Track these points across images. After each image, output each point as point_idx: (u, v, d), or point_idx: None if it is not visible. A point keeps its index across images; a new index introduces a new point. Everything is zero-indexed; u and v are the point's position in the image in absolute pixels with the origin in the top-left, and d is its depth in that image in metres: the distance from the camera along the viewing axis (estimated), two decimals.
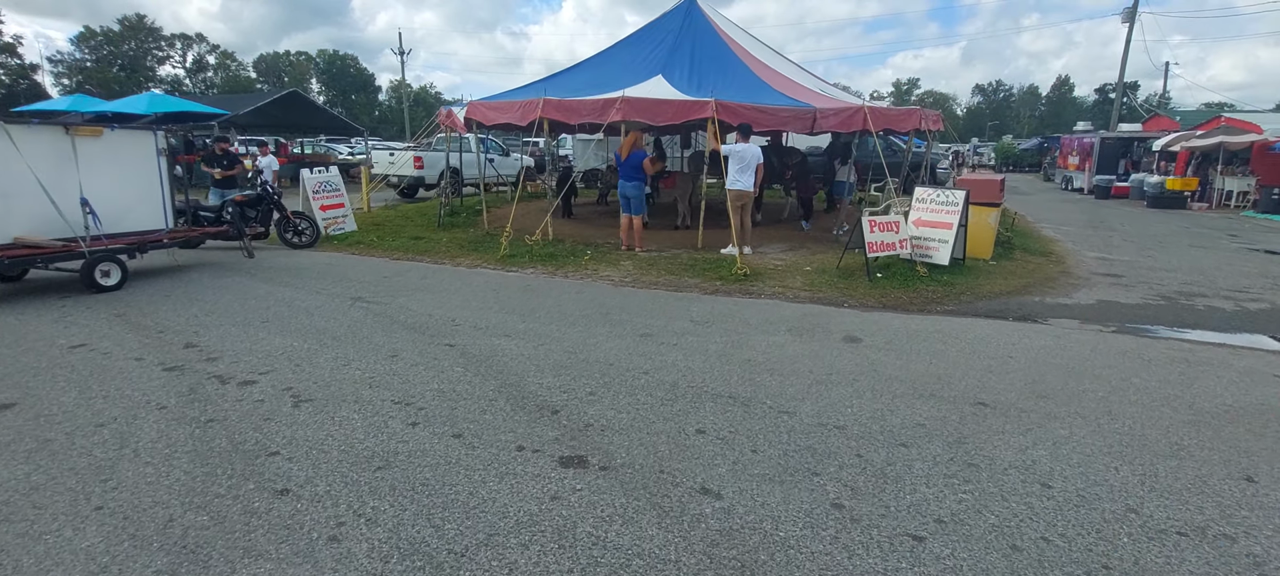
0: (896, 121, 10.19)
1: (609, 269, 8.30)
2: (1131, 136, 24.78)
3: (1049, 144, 37.62)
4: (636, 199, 9.23)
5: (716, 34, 12.15)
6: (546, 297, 6.86)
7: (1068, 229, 13.09)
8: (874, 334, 5.67)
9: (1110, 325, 6.22)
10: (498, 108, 10.38)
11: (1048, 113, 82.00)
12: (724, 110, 8.93)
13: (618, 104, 9.05)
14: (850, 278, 7.68)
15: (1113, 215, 16.27)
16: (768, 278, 7.80)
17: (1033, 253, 9.72)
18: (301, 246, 10.06)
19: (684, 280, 7.74)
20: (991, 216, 8.71)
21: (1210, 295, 7.50)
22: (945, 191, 7.96)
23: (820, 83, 12.72)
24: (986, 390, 4.38)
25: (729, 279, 7.64)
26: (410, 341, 5.20)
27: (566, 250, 9.27)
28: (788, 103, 9.85)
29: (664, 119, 9.16)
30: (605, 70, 11.56)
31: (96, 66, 63.83)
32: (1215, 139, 18.74)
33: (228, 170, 10.80)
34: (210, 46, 73.82)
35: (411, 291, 7.09)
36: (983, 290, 7.31)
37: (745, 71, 11.17)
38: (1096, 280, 8.11)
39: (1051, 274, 8.31)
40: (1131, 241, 11.57)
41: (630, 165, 9.11)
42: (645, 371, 4.58)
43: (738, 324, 5.92)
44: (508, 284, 7.55)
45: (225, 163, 10.87)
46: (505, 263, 8.69)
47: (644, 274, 8.03)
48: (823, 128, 9.49)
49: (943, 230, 7.87)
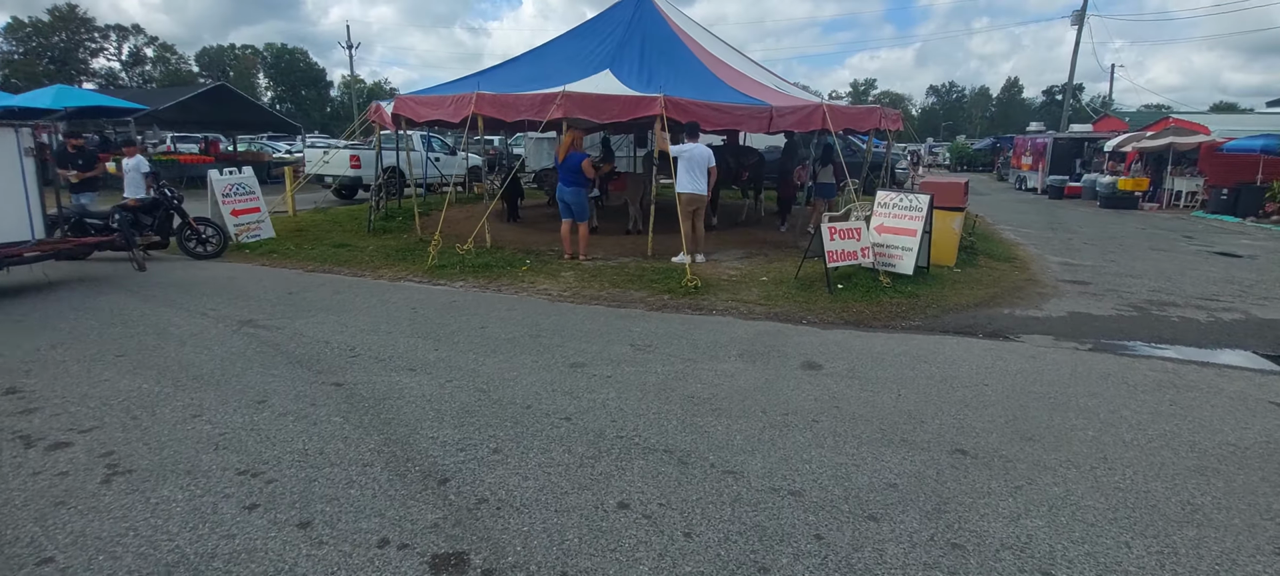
0: (856, 121, 9.67)
1: (548, 281, 7.52)
2: (1083, 137, 25.11)
3: (1002, 144, 38.21)
4: (577, 204, 8.46)
5: (669, 28, 11.47)
6: (471, 316, 6.05)
7: (1028, 231, 12.85)
8: (835, 358, 5.04)
9: (1086, 342, 5.74)
10: (428, 103, 9.48)
11: (998, 113, 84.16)
12: (674, 107, 8.25)
13: (558, 100, 8.28)
14: (809, 289, 7.08)
15: (1069, 216, 16.20)
16: (721, 290, 7.14)
17: (997, 258, 9.31)
18: (206, 256, 8.99)
19: (629, 293, 7.02)
20: (955, 221, 8.24)
21: (1181, 304, 7.14)
22: (909, 196, 7.43)
23: (778, 80, 12.17)
24: (964, 430, 3.77)
25: (678, 292, 6.95)
26: (290, 380, 4.34)
27: (504, 259, 8.45)
28: (743, 100, 9.23)
29: (608, 116, 8.42)
30: (549, 64, 10.76)
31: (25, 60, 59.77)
32: (1165, 140, 18.96)
33: (85, 171, 9.51)
34: (148, 38, 69.94)
35: (315, 311, 6.19)
36: (950, 302, 6.79)
37: (699, 67, 10.52)
38: (1064, 288, 7.70)
39: (1018, 282, 7.87)
40: (1092, 244, 11.33)
41: (569, 167, 8.33)
42: (568, 416, 3.83)
43: (684, 347, 5.23)
44: (430, 300, 6.70)
45: (80, 162, 9.57)
46: (433, 274, 7.83)
47: (586, 286, 7.28)
48: (780, 127, 8.90)
49: (906, 237, 7.33)
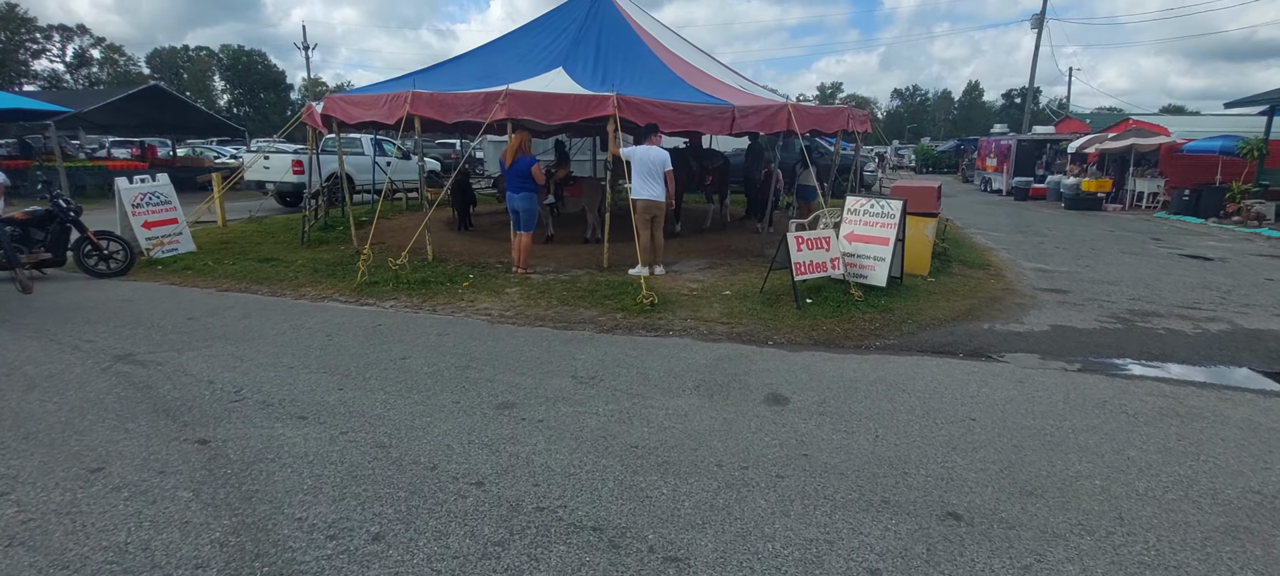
0: (823, 122, 9.16)
1: (490, 298, 6.80)
2: (1046, 138, 25.25)
3: (965, 146, 38.56)
4: (526, 212, 7.75)
5: (627, 24, 10.84)
6: (394, 344, 5.30)
7: (998, 235, 12.53)
8: (804, 389, 4.44)
9: (1074, 360, 5.25)
10: (361, 103, 8.67)
11: (960, 116, 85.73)
12: (628, 107, 7.61)
13: (501, 99, 7.57)
14: (775, 304, 6.49)
15: (1036, 218, 16.03)
16: (679, 306, 6.50)
17: (971, 265, 8.88)
18: (109, 275, 8.03)
19: (578, 311, 6.34)
20: (929, 228, 7.75)
21: (1164, 314, 6.74)
22: (880, 202, 6.91)
23: (743, 81, 11.63)
24: (955, 484, 3.19)
25: (633, 310, 6.30)
26: (145, 437, 3.55)
27: (444, 274, 7.69)
28: (704, 100, 8.63)
29: (557, 117, 7.74)
30: (497, 61, 10.03)
31: None
32: (1127, 141, 19.03)
33: None
34: (93, 39, 66.83)
35: (212, 341, 5.36)
36: (926, 316, 6.26)
37: (658, 66, 9.90)
38: (1043, 298, 7.26)
39: (995, 292, 7.41)
40: (1064, 248, 11.03)
41: (517, 172, 7.63)
42: (481, 480, 3.14)
43: (633, 379, 4.57)
44: (352, 324, 5.93)
45: None
46: (362, 293, 7.04)
47: (532, 304, 6.58)
48: (743, 128, 8.33)
49: (879, 246, 6.81)
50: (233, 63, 71.20)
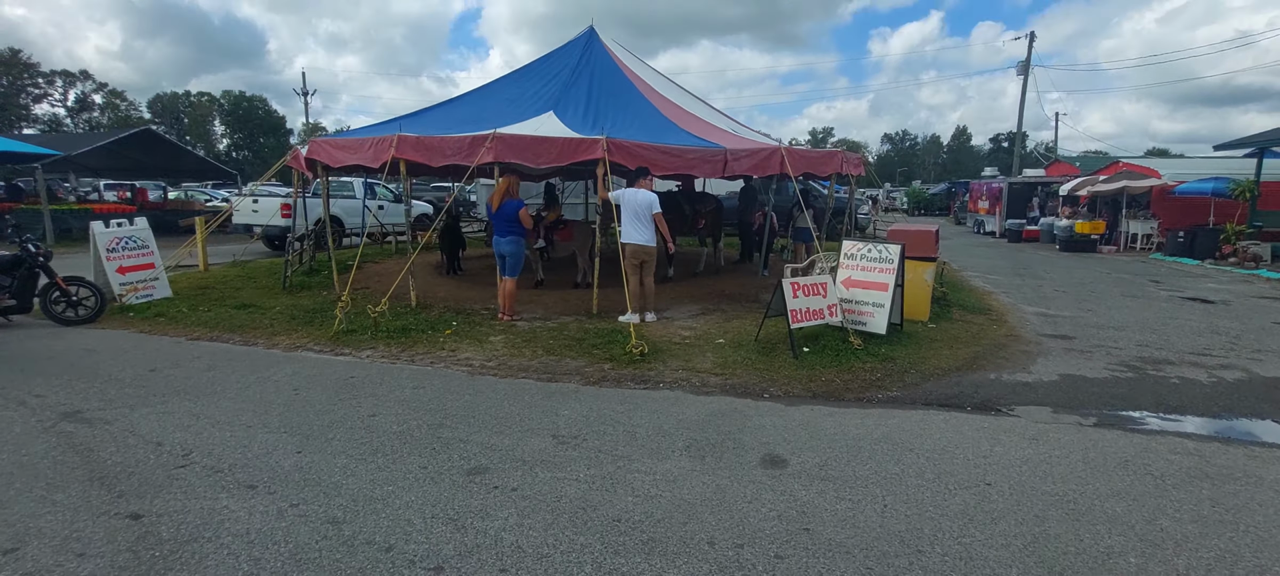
0: (816, 165, 9.02)
1: (472, 348, 6.48)
2: (1037, 181, 25.39)
3: (957, 188, 38.89)
4: (513, 257, 7.50)
5: (618, 69, 10.81)
6: (364, 400, 4.96)
7: (997, 278, 12.34)
8: (803, 449, 4.11)
9: (1088, 414, 4.94)
10: (346, 147, 8.49)
11: (950, 160, 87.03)
12: (618, 150, 7.44)
13: (488, 142, 7.39)
14: (771, 353, 6.19)
15: (1032, 260, 15.89)
16: (671, 355, 6.20)
17: (971, 309, 8.63)
18: (78, 322, 7.68)
19: (565, 361, 6.03)
20: (928, 272, 7.52)
21: (1175, 361, 6.47)
22: (878, 246, 6.68)
23: (735, 124, 11.57)
24: (975, 565, 2.85)
25: (621, 360, 5.99)
26: (73, 509, 3.19)
27: (426, 322, 7.38)
28: (695, 143, 8.50)
29: (545, 160, 7.55)
30: (488, 105, 9.92)
31: None
32: (1118, 184, 19.06)
33: None
34: (96, 85, 67.63)
35: (170, 396, 5.01)
36: (929, 366, 5.97)
37: (649, 109, 9.82)
38: (1049, 345, 6.99)
39: (999, 338, 7.14)
40: (1064, 292, 10.82)
41: (504, 216, 7.39)
42: (439, 565, 2.78)
43: (619, 438, 4.24)
44: (323, 377, 5.59)
45: None
46: (339, 342, 6.71)
47: (515, 354, 6.26)
48: (736, 171, 8.17)
49: (877, 292, 6.55)
50: (233, 108, 71.97)
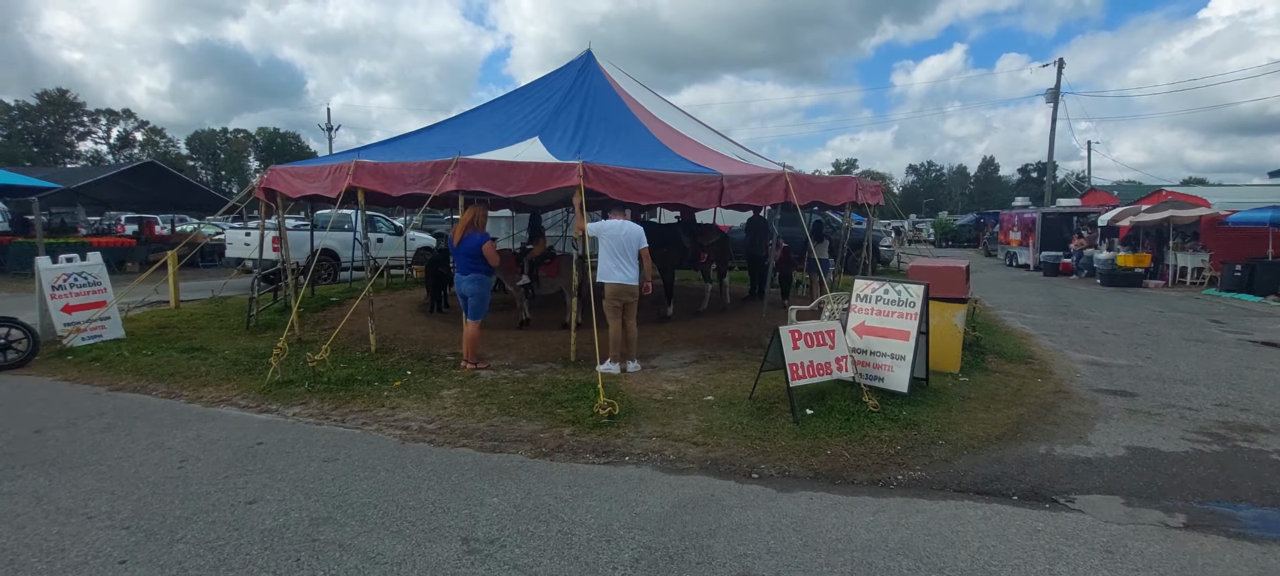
0: (827, 193, 8.03)
1: (417, 405, 5.54)
2: (1072, 211, 24.03)
3: (986, 219, 37.44)
4: (475, 298, 6.59)
5: (613, 92, 10.05)
6: (254, 478, 4.03)
7: (1035, 317, 11.11)
8: (794, 566, 3.06)
9: (1173, 507, 3.81)
10: (304, 175, 7.75)
11: (977, 190, 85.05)
12: (596, 177, 6.56)
13: (451, 168, 6.58)
14: (768, 416, 5.14)
15: (1072, 296, 14.57)
16: (646, 417, 5.19)
17: (1009, 357, 7.48)
18: (6, 367, 6.95)
19: (518, 425, 5.05)
20: (958, 316, 6.43)
21: (1269, 428, 5.26)
22: (897, 286, 5.64)
23: (741, 150, 10.67)
24: None
25: (586, 423, 5.00)
26: None
27: (376, 371, 6.49)
28: (689, 168, 7.59)
29: (515, 188, 6.70)
30: (470, 131, 9.16)
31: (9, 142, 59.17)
32: (1163, 213, 17.67)
33: None
34: (138, 122, 70.07)
35: (31, 468, 4.14)
36: (962, 434, 4.87)
37: (644, 134, 8.99)
38: (1107, 405, 5.82)
39: (1045, 396, 5.99)
40: (1114, 334, 9.56)
41: (466, 253, 6.52)
42: None
43: (550, 544, 3.23)
44: (223, 444, 4.68)
45: None
46: (268, 396, 5.83)
47: (464, 414, 5.31)
48: (734, 199, 7.22)
49: (897, 341, 5.48)
50: (268, 144, 73.96)
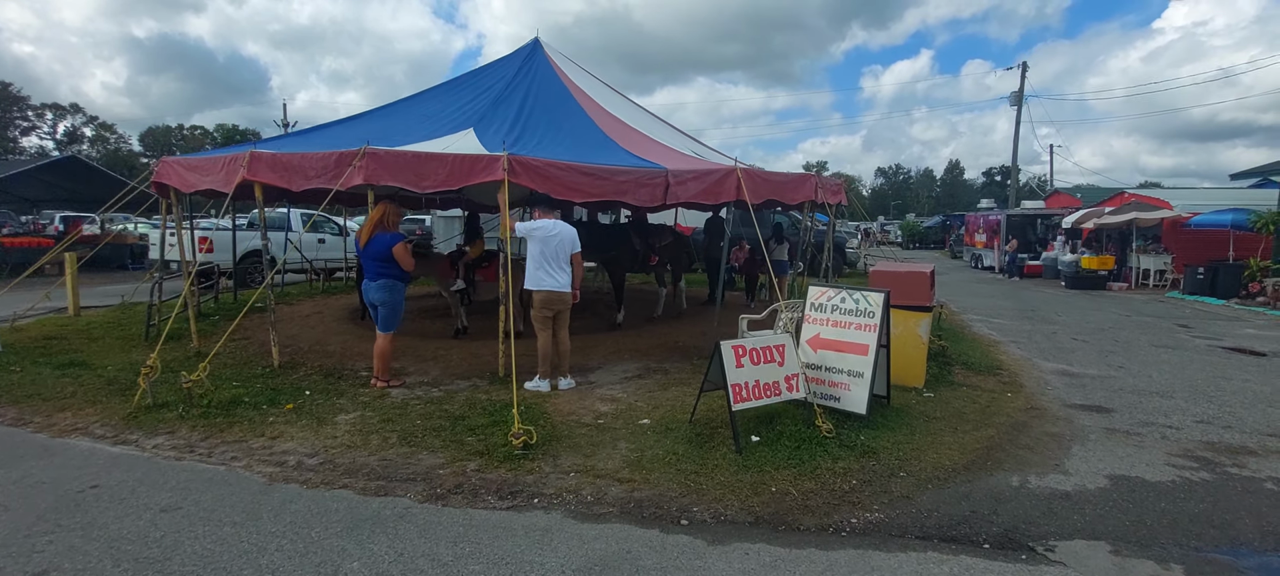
0: (783, 190, 7.42)
1: (304, 434, 4.75)
2: (1036, 214, 24.01)
3: (952, 222, 37.58)
4: (386, 308, 5.79)
5: (559, 82, 9.33)
6: (61, 538, 3.23)
7: (1002, 322, 10.70)
8: None
9: (1167, 556, 3.25)
10: (197, 167, 6.88)
11: (943, 193, 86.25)
12: (524, 171, 5.85)
13: (358, 159, 5.80)
14: (708, 443, 4.49)
15: (1039, 300, 14.29)
16: (569, 446, 4.49)
17: (977, 368, 6.96)
18: None
19: (417, 458, 4.32)
20: (922, 325, 5.86)
21: (1258, 450, 4.79)
22: (855, 293, 5.03)
23: (697, 145, 10.04)
24: None
25: (495, 454, 4.28)
26: None
27: (268, 393, 5.65)
28: (633, 163, 6.93)
29: (432, 183, 5.94)
30: (397, 122, 8.36)
31: None
32: (1127, 216, 17.59)
33: None
34: (86, 117, 66.78)
35: None
36: (927, 463, 4.28)
37: (588, 126, 8.30)
38: (1083, 423, 5.31)
39: (1016, 413, 5.46)
40: (1083, 340, 9.17)
41: (373, 255, 5.73)
42: None
43: None
44: (52, 484, 3.85)
45: None
46: (135, 422, 4.98)
47: (356, 444, 4.55)
48: (681, 196, 6.57)
49: (854, 355, 4.88)
50: (226, 140, 71.29)
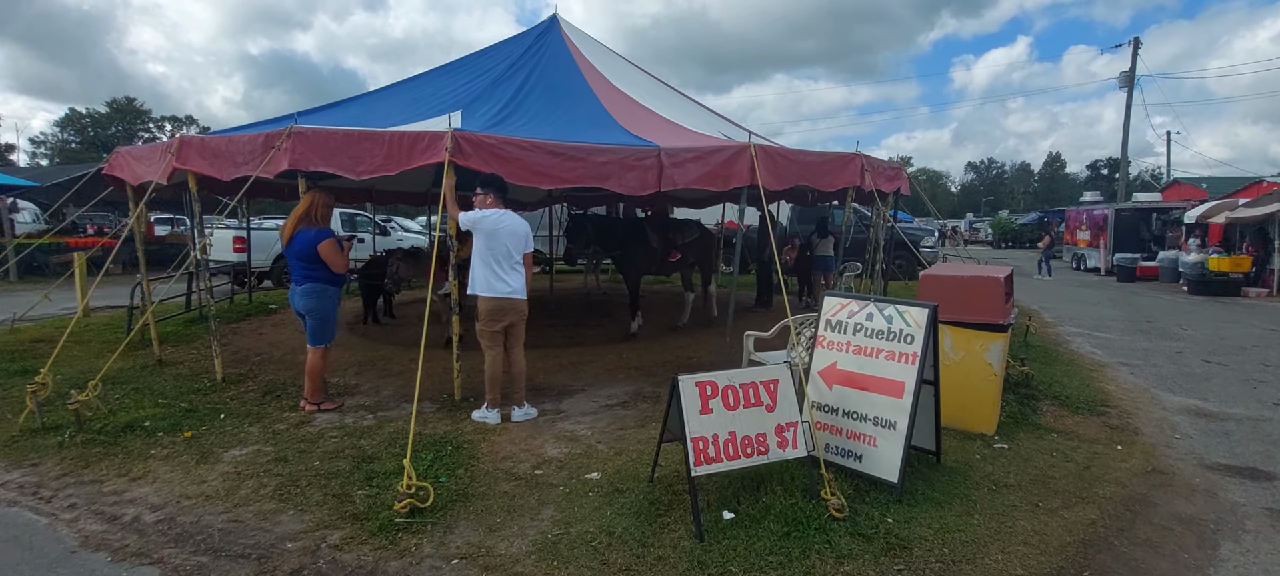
0: (815, 173, 5.93)
1: (173, 474, 3.84)
2: (1151, 207, 20.81)
3: (1050, 217, 33.86)
4: (315, 317, 4.82)
5: (570, 59, 8.29)
6: None
7: (1109, 338, 8.69)
8: None
9: None
10: (141, 157, 6.22)
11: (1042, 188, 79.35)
12: (476, 150, 4.78)
13: (283, 140, 4.89)
14: (662, 518, 3.21)
15: (1156, 308, 11.91)
16: (473, 513, 3.33)
17: (1074, 405, 5.28)
18: None
19: (280, 518, 3.29)
20: (991, 350, 4.31)
21: None
22: (887, 308, 3.60)
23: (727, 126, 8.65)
24: None
25: (371, 521, 3.19)
26: None
27: (177, 414, 4.81)
28: (625, 140, 5.71)
29: (368, 167, 4.94)
30: (382, 107, 7.49)
31: (79, 148, 62.12)
32: (1269, 207, 14.64)
33: None
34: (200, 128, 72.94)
35: None
36: (988, 569, 2.84)
37: (590, 103, 7.19)
38: (1231, 496, 3.64)
39: (1130, 480, 3.84)
40: (1218, 363, 7.14)
41: (297, 254, 4.79)
42: None
43: None
44: None
45: None
46: (8, 449, 4.26)
47: (219, 495, 3.57)
48: (681, 181, 5.28)
49: (884, 396, 3.45)
50: None
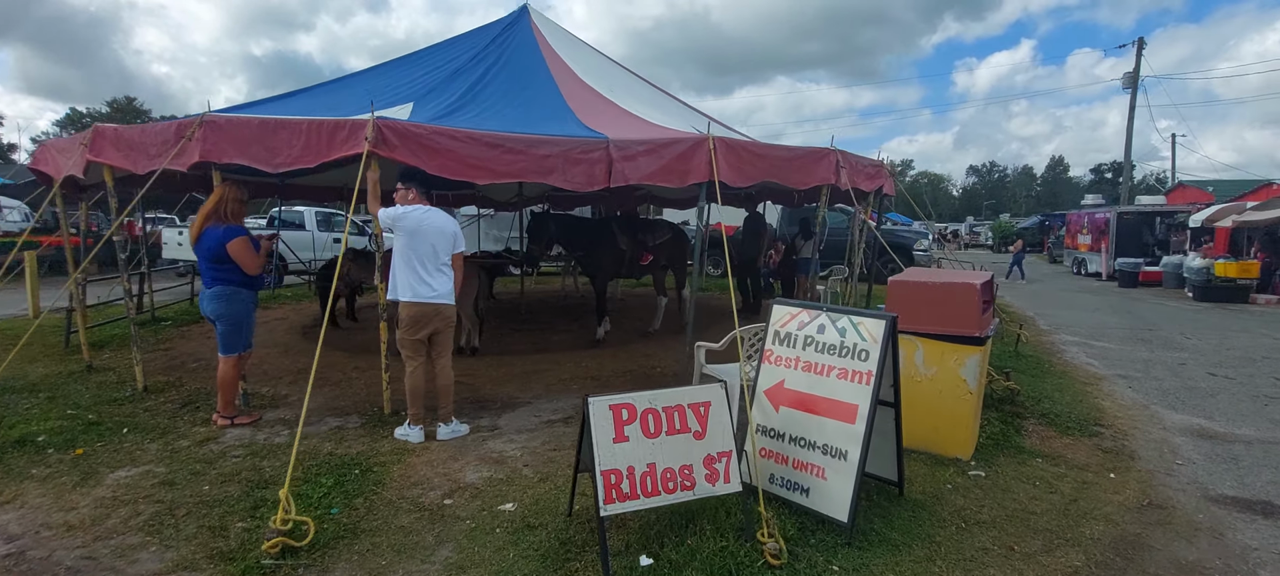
0: (784, 170, 5.46)
1: (45, 498, 3.41)
2: (1155, 210, 20.29)
3: (1051, 221, 33.32)
4: (225, 322, 4.39)
5: (536, 49, 7.87)
6: None
7: (1106, 346, 8.21)
8: None
9: None
10: (64, 149, 5.79)
11: (1044, 192, 78.69)
12: (401, 142, 4.35)
13: (195, 130, 4.48)
14: (573, 562, 2.77)
15: (1159, 316, 11.42)
16: (358, 552, 2.89)
17: (1063, 423, 4.81)
18: None
19: (137, 556, 2.85)
20: (966, 365, 3.85)
21: None
22: (839, 319, 3.15)
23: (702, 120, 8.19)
24: None
25: (239, 561, 2.75)
26: None
27: (76, 428, 4.39)
28: (577, 132, 5.27)
29: (285, 159, 4.50)
30: (327, 100, 7.05)
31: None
32: (1277, 211, 14.15)
33: None
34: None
35: None
36: None
37: (550, 95, 6.77)
38: (1240, 536, 3.18)
39: (1122, 515, 3.38)
40: (1224, 376, 6.67)
41: (206, 253, 4.36)
42: None
43: None
44: None
45: None
46: None
47: (82, 525, 3.14)
48: (631, 176, 4.83)
49: (834, 421, 3.00)
50: None
